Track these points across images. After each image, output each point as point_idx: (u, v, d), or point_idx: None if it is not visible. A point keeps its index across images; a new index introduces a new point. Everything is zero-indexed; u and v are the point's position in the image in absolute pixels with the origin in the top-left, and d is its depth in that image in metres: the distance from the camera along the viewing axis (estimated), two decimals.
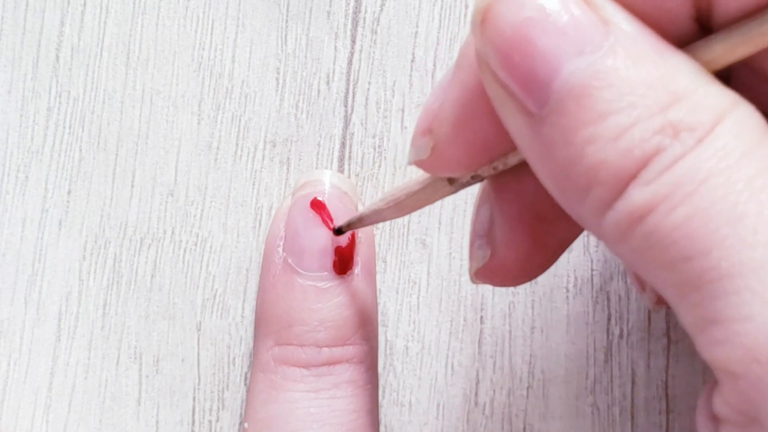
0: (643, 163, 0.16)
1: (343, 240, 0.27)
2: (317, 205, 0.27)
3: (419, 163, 0.21)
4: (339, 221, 0.27)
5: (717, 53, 0.17)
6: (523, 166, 0.20)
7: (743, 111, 0.17)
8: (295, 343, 0.26)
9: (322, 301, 0.26)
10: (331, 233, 0.27)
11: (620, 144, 0.16)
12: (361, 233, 0.27)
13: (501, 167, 0.20)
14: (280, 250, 0.27)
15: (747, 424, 0.16)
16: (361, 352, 0.27)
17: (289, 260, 0.27)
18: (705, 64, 0.17)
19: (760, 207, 0.16)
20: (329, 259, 0.27)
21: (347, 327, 0.27)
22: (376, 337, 0.28)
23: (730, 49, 0.17)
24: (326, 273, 0.27)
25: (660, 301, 0.24)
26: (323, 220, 0.27)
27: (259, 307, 0.27)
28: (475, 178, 0.21)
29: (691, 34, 0.18)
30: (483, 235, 0.22)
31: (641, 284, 0.25)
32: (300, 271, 0.27)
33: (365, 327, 0.27)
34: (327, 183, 0.28)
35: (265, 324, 0.27)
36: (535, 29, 0.17)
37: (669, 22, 0.18)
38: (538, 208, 0.21)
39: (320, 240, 0.27)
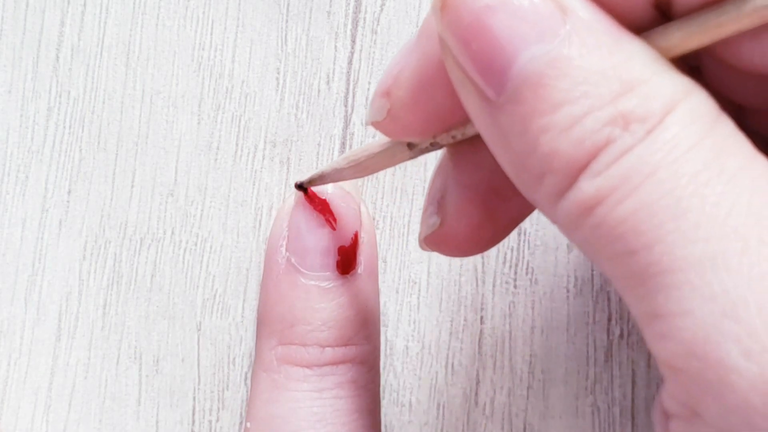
0: (594, 154, 0.16)
1: (346, 240, 0.27)
2: (321, 205, 0.27)
3: (376, 125, 0.21)
4: (342, 221, 0.27)
5: (674, 41, 0.17)
6: (481, 139, 0.20)
7: (696, 99, 0.17)
8: (298, 342, 0.26)
9: (325, 301, 0.26)
10: (333, 233, 0.27)
11: (572, 134, 0.16)
12: (364, 234, 0.27)
13: (459, 136, 0.21)
14: (283, 249, 0.27)
15: (690, 417, 0.16)
16: (364, 352, 0.27)
17: (292, 260, 0.27)
18: (662, 51, 0.17)
19: (703, 202, 0.16)
20: (332, 259, 0.27)
21: (350, 327, 0.26)
22: (378, 338, 0.28)
23: (686, 37, 0.17)
24: (329, 273, 0.27)
25: None
26: (326, 220, 0.27)
27: (262, 307, 0.27)
28: (433, 146, 0.21)
29: (650, 21, 0.18)
30: (435, 201, 0.22)
31: None
32: (303, 270, 0.27)
33: (368, 327, 0.27)
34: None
35: (268, 324, 0.27)
36: (493, 16, 0.17)
37: (629, 8, 0.18)
38: (493, 182, 0.21)
39: (323, 240, 0.27)
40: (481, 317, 0.29)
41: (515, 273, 0.29)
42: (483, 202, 0.22)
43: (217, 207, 0.29)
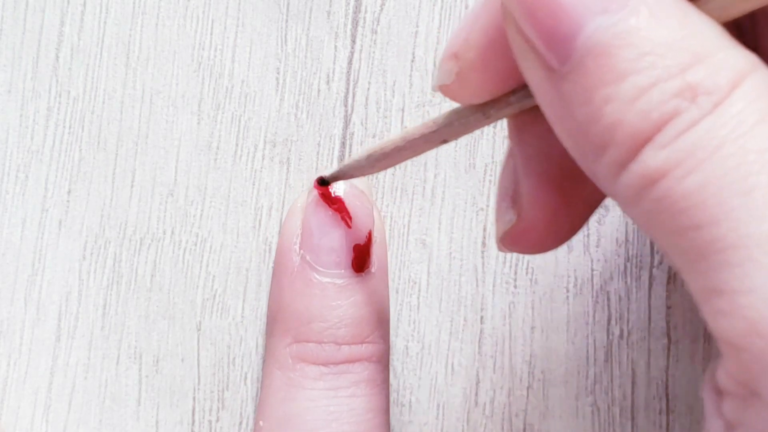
0: (660, 126, 0.16)
1: (361, 238, 0.27)
2: (336, 203, 0.27)
3: (443, 88, 0.21)
4: (357, 220, 0.27)
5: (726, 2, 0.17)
6: (541, 127, 0.20)
7: (760, 75, 0.17)
8: (315, 340, 0.26)
9: (341, 299, 0.26)
10: (347, 231, 0.27)
11: (638, 105, 0.16)
12: (376, 233, 0.27)
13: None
14: (297, 247, 0.27)
15: (747, 397, 0.16)
16: (379, 350, 0.27)
17: (307, 257, 0.27)
18: (715, 13, 0.17)
19: None
20: (347, 257, 0.27)
21: (366, 325, 0.27)
22: (389, 336, 0.28)
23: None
24: (344, 271, 0.27)
25: None
26: (342, 218, 0.27)
27: (275, 305, 0.27)
28: (489, 117, 0.21)
29: None
30: (508, 197, 0.22)
31: None
32: (318, 268, 0.27)
33: (382, 325, 0.27)
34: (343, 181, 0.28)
35: (282, 321, 0.27)
36: None
37: None
38: (563, 164, 0.21)
39: (338, 238, 0.27)
40: (481, 317, 0.29)
41: (515, 273, 0.29)
42: (557, 188, 0.21)
43: (217, 207, 0.29)
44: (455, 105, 0.22)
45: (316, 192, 0.27)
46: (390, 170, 0.29)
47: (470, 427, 0.29)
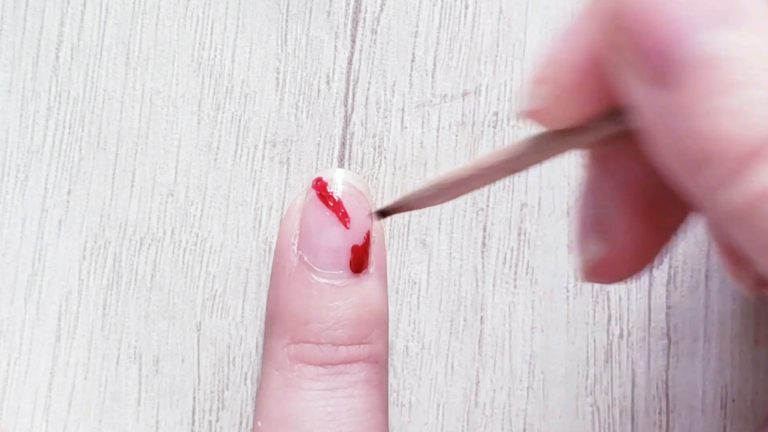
0: None
1: (359, 239, 0.27)
2: (334, 203, 0.27)
3: (533, 114, 0.20)
4: (355, 220, 0.27)
5: None
6: (628, 149, 0.19)
7: None
8: (312, 340, 0.26)
9: (339, 299, 0.26)
10: (346, 232, 0.27)
11: (746, 118, 0.16)
12: (374, 234, 0.27)
13: (604, 131, 0.20)
14: (295, 248, 0.27)
15: None
16: (377, 351, 0.27)
17: (305, 258, 0.27)
18: None
19: None
20: (345, 258, 0.27)
21: (364, 326, 0.27)
22: (387, 337, 0.28)
23: None
24: (342, 271, 0.27)
25: (761, 285, 0.23)
26: (340, 219, 0.27)
27: (273, 305, 0.27)
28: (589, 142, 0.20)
29: None
30: (593, 227, 0.21)
31: (735, 269, 0.23)
32: (316, 269, 0.27)
33: (380, 326, 0.27)
34: (342, 181, 0.28)
35: (280, 321, 0.27)
36: None
37: None
38: (651, 190, 0.20)
39: (337, 238, 0.27)
40: (481, 317, 0.29)
41: (515, 273, 0.29)
42: (646, 215, 0.21)
43: (217, 207, 0.29)
44: (454, 104, 0.22)
45: (314, 192, 0.27)
46: (390, 170, 0.29)
47: (470, 427, 0.29)
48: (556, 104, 0.19)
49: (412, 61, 0.29)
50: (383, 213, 0.25)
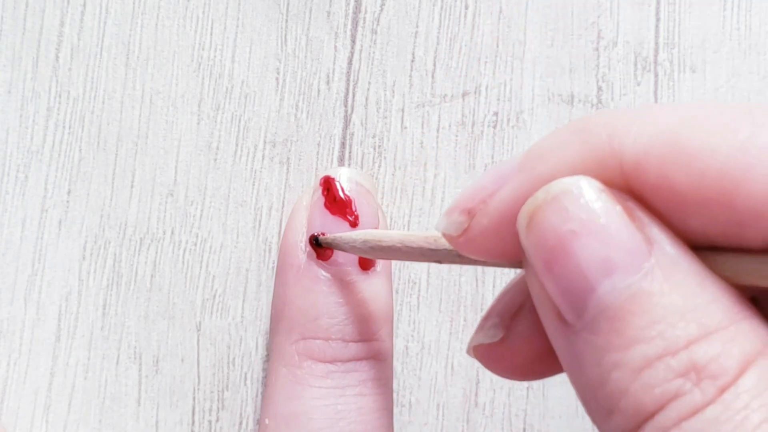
0: (662, 405, 0.16)
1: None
2: (342, 201, 0.27)
3: (446, 236, 0.20)
4: (363, 218, 0.27)
5: (748, 272, 0.17)
6: None
7: None
8: (322, 336, 0.26)
9: (349, 295, 0.26)
10: (355, 230, 0.27)
11: (643, 377, 0.16)
12: None
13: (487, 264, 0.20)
14: (303, 245, 0.27)
15: None
16: (384, 348, 0.27)
17: (315, 254, 0.27)
18: (731, 277, 0.17)
19: None
20: (356, 255, 0.27)
21: (373, 322, 0.27)
22: (392, 336, 0.28)
23: (761, 275, 0.17)
24: (351, 268, 0.27)
25: None
26: (347, 217, 0.27)
27: (280, 302, 0.27)
28: (457, 261, 0.21)
29: (725, 240, 0.17)
30: (502, 316, 0.21)
31: None
32: (326, 265, 0.27)
33: (387, 324, 0.27)
34: (350, 179, 0.28)
35: (288, 318, 0.27)
36: (578, 241, 0.17)
37: (705, 224, 0.17)
38: None
39: None
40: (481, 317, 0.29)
41: (515, 273, 0.29)
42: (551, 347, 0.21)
43: (217, 207, 0.29)
44: (454, 104, 0.22)
45: (321, 190, 0.27)
46: (390, 170, 0.29)
47: (470, 427, 0.29)
48: (470, 238, 0.19)
49: (412, 61, 0.29)
50: (317, 241, 0.27)
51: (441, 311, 0.29)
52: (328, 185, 0.27)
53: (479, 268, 0.29)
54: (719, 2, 0.30)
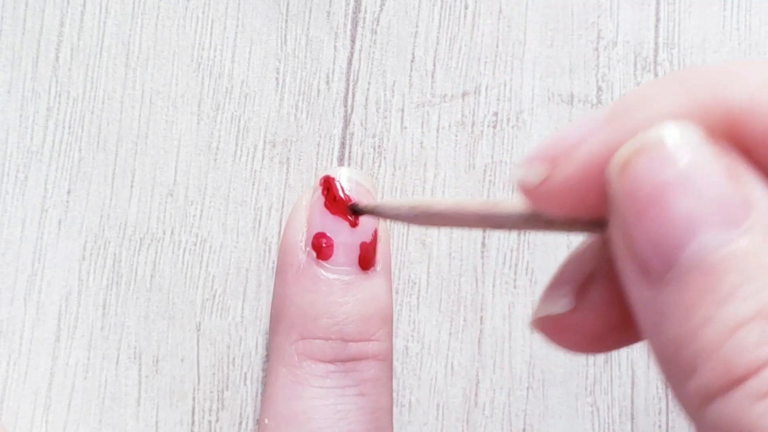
0: (756, 369, 0.15)
1: (367, 236, 0.27)
2: (342, 201, 0.27)
3: (523, 186, 0.19)
4: (363, 218, 0.27)
5: None
6: None
7: None
8: (322, 336, 0.26)
9: (348, 295, 0.26)
10: (355, 229, 0.27)
11: (736, 338, 0.15)
12: (380, 232, 0.27)
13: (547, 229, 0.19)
14: (303, 244, 0.27)
15: None
16: (384, 348, 0.27)
17: (314, 255, 0.27)
18: None
19: None
20: (354, 255, 0.27)
21: (372, 322, 0.27)
22: (392, 336, 0.28)
23: None
24: (351, 268, 0.27)
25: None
26: (347, 216, 0.27)
27: (279, 302, 0.27)
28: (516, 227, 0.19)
29: None
30: (573, 285, 0.20)
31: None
32: (325, 264, 0.27)
33: (387, 324, 0.27)
34: (350, 179, 0.28)
35: (288, 318, 0.27)
36: (674, 194, 0.16)
37: None
38: None
39: (345, 235, 0.27)
40: (481, 317, 0.29)
41: (515, 273, 0.29)
42: (627, 308, 0.20)
43: (217, 207, 0.29)
44: (454, 104, 0.22)
45: (320, 189, 0.27)
46: (390, 170, 0.29)
47: (470, 427, 0.29)
48: (551, 189, 0.18)
49: (412, 61, 0.29)
50: (355, 210, 0.24)
51: (441, 311, 0.29)
52: (328, 185, 0.27)
53: (479, 268, 0.29)
54: (719, 2, 0.30)
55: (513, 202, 0.20)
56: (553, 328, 0.20)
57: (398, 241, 0.29)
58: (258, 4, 0.29)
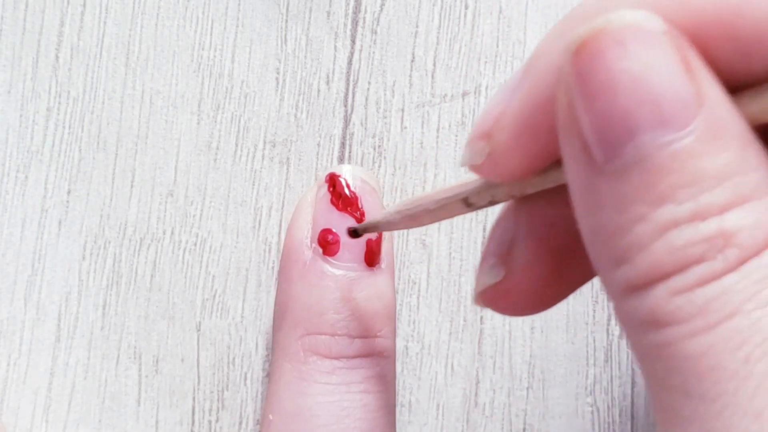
0: (681, 267, 0.15)
1: (372, 233, 0.27)
2: (348, 198, 0.27)
3: (472, 167, 0.19)
4: (369, 215, 0.27)
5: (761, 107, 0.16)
6: (555, 193, 0.19)
7: None
8: (328, 332, 0.26)
9: (354, 292, 0.26)
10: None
11: (667, 237, 0.15)
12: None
13: (518, 195, 0.20)
14: (308, 240, 0.27)
15: None
16: (389, 346, 0.27)
17: (320, 251, 0.27)
18: (750, 117, 0.16)
19: None
20: (360, 251, 0.27)
21: (378, 319, 0.27)
22: (396, 334, 0.28)
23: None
24: (356, 264, 0.27)
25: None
26: (352, 214, 0.27)
27: (284, 298, 0.27)
28: (491, 203, 0.20)
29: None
30: (498, 254, 0.21)
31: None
32: (332, 260, 0.27)
33: (391, 322, 0.27)
34: (355, 177, 0.28)
35: (293, 314, 0.27)
36: (629, 84, 0.16)
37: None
38: (569, 237, 0.20)
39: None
40: (481, 317, 0.29)
41: None
42: (556, 257, 0.20)
43: (217, 207, 0.29)
44: (454, 104, 0.22)
45: (326, 186, 0.27)
46: (390, 170, 0.29)
47: (470, 427, 0.29)
48: (495, 160, 0.19)
49: (412, 61, 0.29)
50: (355, 232, 0.26)
51: (441, 311, 0.29)
52: (333, 182, 0.27)
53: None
54: None
55: (478, 181, 0.21)
56: (493, 297, 0.21)
57: (398, 241, 0.29)
58: (258, 4, 0.29)
